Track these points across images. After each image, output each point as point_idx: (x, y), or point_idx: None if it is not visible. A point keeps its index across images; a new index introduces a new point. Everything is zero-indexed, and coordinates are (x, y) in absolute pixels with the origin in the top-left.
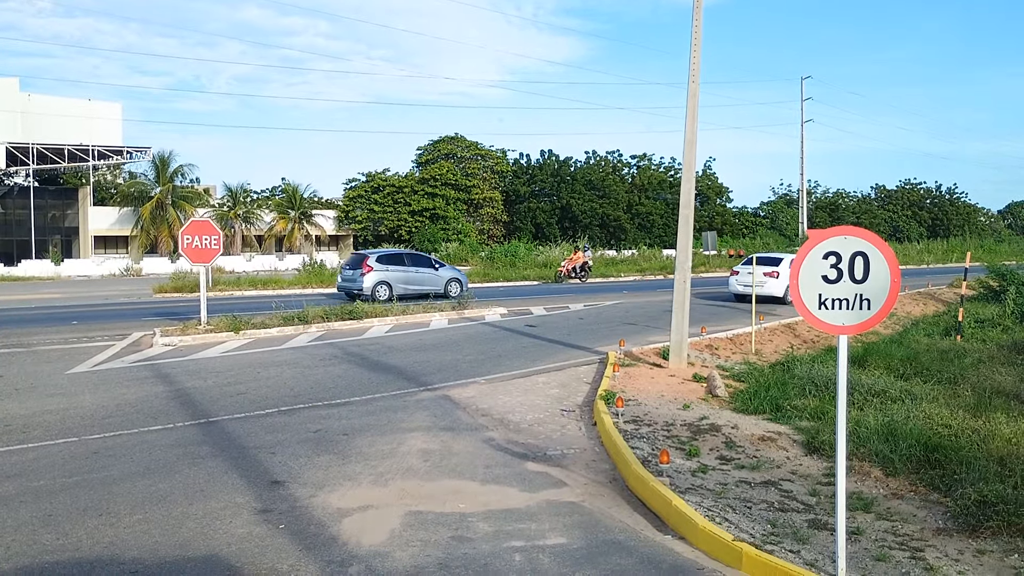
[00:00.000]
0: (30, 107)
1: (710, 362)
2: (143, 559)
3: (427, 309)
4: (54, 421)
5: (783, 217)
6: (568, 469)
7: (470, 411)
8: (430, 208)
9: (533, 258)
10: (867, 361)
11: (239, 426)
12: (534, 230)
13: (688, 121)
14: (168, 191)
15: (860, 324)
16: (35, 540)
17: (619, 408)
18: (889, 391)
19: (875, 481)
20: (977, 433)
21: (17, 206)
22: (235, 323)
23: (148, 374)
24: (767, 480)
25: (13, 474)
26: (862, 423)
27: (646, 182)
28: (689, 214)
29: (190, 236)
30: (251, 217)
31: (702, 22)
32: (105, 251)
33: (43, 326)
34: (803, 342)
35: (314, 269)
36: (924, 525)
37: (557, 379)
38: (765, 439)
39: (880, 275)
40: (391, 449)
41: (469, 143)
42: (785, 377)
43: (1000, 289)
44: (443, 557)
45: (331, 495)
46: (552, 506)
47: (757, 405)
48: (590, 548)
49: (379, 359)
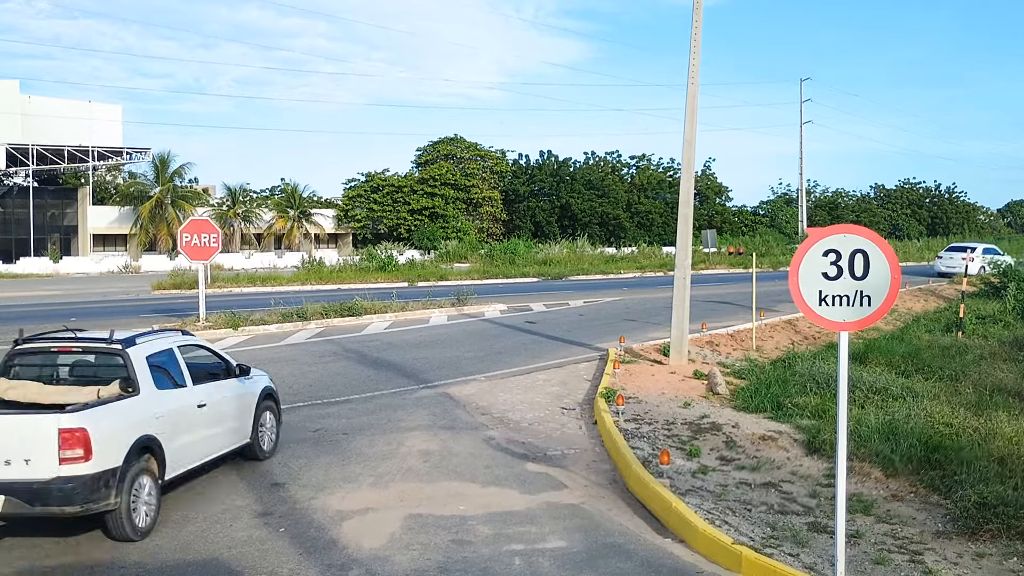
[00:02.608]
0: (30, 109)
1: (711, 359)
2: (144, 563)
3: (426, 305)
4: None
5: (782, 216)
6: (568, 470)
7: (470, 409)
8: (429, 207)
9: (533, 256)
10: (868, 358)
11: None
12: (533, 228)
13: (687, 121)
14: (167, 191)
15: (861, 320)
16: (35, 542)
17: (619, 406)
18: (890, 388)
19: (875, 482)
20: (978, 432)
21: (16, 205)
22: (234, 320)
23: None
24: (767, 481)
25: None
26: (863, 422)
27: (645, 182)
28: (688, 212)
29: (189, 234)
30: (250, 216)
31: (702, 23)
32: (104, 249)
33: (41, 323)
34: (804, 338)
35: (313, 267)
36: (924, 528)
37: (557, 376)
38: (766, 438)
39: (880, 272)
40: (391, 449)
41: (468, 144)
42: (786, 374)
43: (1001, 285)
44: (443, 561)
45: (331, 497)
46: (552, 508)
47: (758, 403)
48: (590, 551)
49: (378, 356)
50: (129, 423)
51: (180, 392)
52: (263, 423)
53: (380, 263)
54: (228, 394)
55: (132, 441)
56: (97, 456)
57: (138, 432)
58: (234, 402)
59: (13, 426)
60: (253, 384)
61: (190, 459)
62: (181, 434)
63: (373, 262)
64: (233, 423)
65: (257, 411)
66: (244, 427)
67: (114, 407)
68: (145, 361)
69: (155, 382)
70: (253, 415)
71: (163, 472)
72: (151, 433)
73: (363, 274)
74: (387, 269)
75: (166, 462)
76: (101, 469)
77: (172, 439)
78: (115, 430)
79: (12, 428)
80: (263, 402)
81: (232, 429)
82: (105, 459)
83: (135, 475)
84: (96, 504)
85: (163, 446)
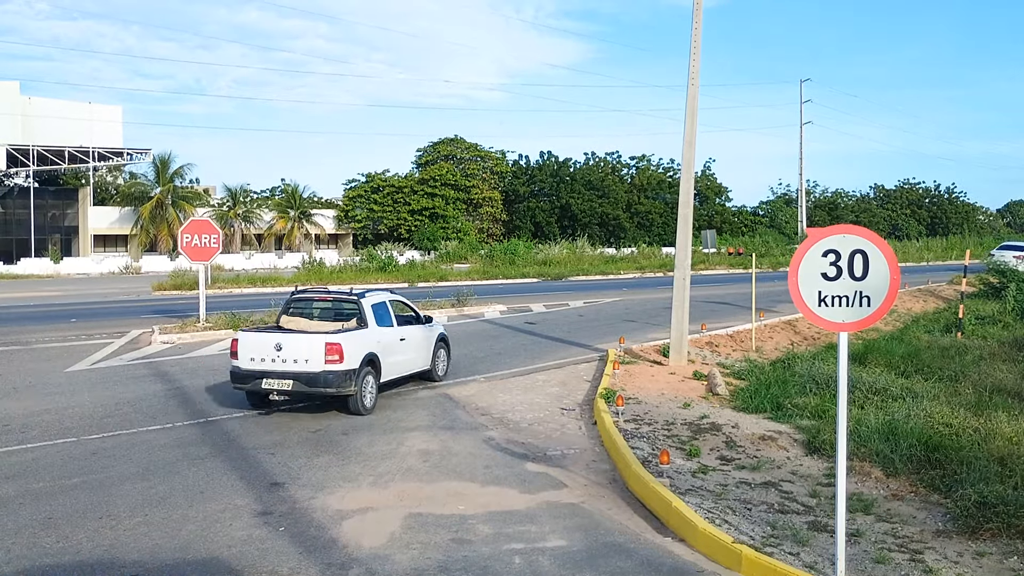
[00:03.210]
0: (30, 110)
1: (710, 359)
2: (143, 562)
3: (426, 306)
4: (53, 421)
5: (782, 216)
6: (568, 470)
7: (469, 410)
8: (429, 207)
9: (532, 256)
10: (868, 358)
11: (238, 425)
12: (533, 229)
13: (687, 122)
14: (168, 191)
15: (860, 321)
16: (35, 543)
17: (619, 407)
18: (890, 389)
19: (875, 481)
20: (978, 432)
21: (17, 206)
22: (234, 321)
23: (147, 372)
24: (767, 481)
25: (12, 475)
26: (863, 422)
27: (645, 182)
28: (688, 213)
29: (190, 235)
30: (251, 216)
31: (702, 24)
32: (104, 250)
33: (41, 324)
34: (803, 339)
35: (313, 267)
36: (924, 527)
37: (557, 377)
38: (766, 438)
39: (879, 272)
40: (391, 449)
41: (468, 145)
42: (786, 375)
43: (1000, 286)
44: (443, 560)
45: (331, 497)
46: (552, 508)
47: (758, 403)
48: (590, 550)
49: None
50: (362, 344)
51: (390, 329)
52: (438, 356)
53: (380, 264)
54: (417, 334)
55: (363, 354)
56: (346, 360)
57: (367, 349)
58: (421, 339)
59: (301, 342)
60: (432, 330)
61: (395, 371)
62: (389, 355)
63: (373, 263)
64: (420, 353)
65: (435, 348)
66: (426, 357)
67: (354, 334)
68: (370, 307)
69: (376, 321)
70: (432, 350)
71: (379, 376)
72: (374, 351)
73: (363, 274)
74: (387, 270)
75: (381, 370)
76: (347, 368)
77: (385, 357)
78: (355, 347)
79: (300, 343)
80: (438, 343)
81: (419, 357)
82: (350, 363)
83: (364, 375)
84: (344, 389)
85: (380, 360)
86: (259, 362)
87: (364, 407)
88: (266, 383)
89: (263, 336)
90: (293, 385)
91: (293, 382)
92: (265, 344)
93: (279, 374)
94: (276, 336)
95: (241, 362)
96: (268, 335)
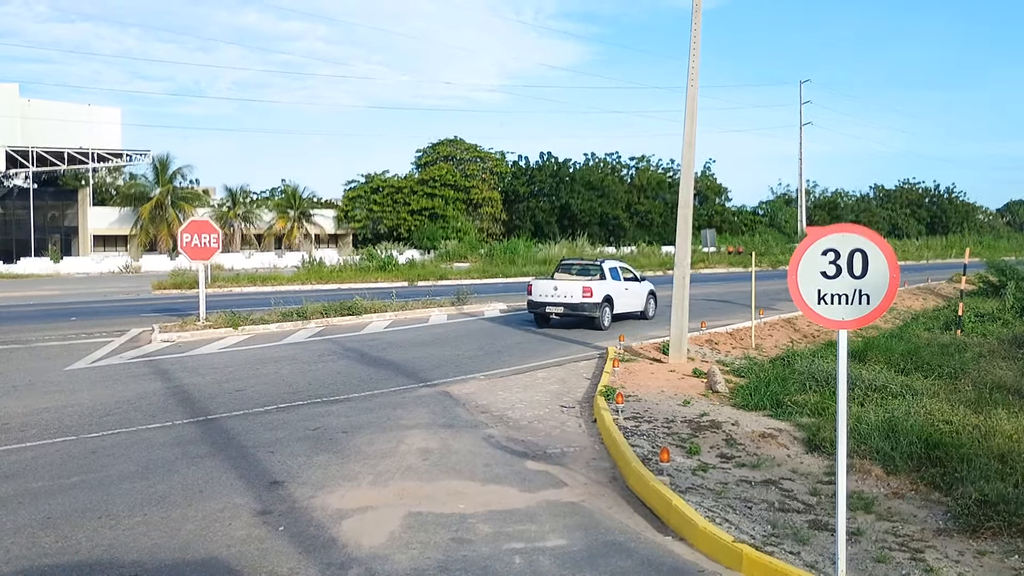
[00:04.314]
0: (30, 112)
1: (710, 357)
2: (142, 562)
3: (426, 305)
4: (52, 419)
5: (782, 216)
6: (568, 468)
7: (469, 408)
8: (429, 207)
9: (533, 255)
10: (867, 356)
11: (238, 424)
12: (533, 228)
13: (687, 123)
14: (167, 192)
15: (860, 319)
16: (34, 543)
17: (619, 404)
18: (890, 386)
19: (876, 480)
20: (978, 429)
21: (17, 207)
22: (234, 319)
23: (147, 371)
24: (768, 479)
25: (12, 474)
26: (863, 419)
27: (645, 183)
28: (688, 213)
29: (189, 234)
30: (250, 216)
31: (701, 25)
32: (104, 250)
33: (41, 322)
34: (803, 336)
35: (313, 266)
36: (924, 525)
37: (556, 375)
38: (766, 436)
39: (879, 270)
40: (391, 448)
41: (468, 146)
42: (785, 372)
43: (1000, 284)
44: (443, 559)
45: (330, 496)
46: (552, 506)
47: (758, 401)
48: (590, 550)
49: (378, 355)
50: (602, 288)
51: (618, 282)
52: (649, 303)
53: (380, 263)
54: (635, 288)
55: (604, 294)
56: (594, 297)
57: (605, 292)
58: (637, 291)
59: (571, 285)
60: (645, 287)
61: (622, 308)
62: (618, 297)
63: (373, 262)
64: (636, 300)
65: (647, 297)
66: (641, 303)
67: (598, 282)
68: (608, 270)
69: (611, 277)
70: (645, 299)
71: (613, 309)
72: (609, 293)
73: (363, 274)
74: (387, 269)
75: (614, 306)
76: (595, 301)
77: (616, 299)
78: (598, 289)
79: (568, 286)
80: (649, 295)
81: (637, 302)
82: (596, 298)
83: (604, 306)
84: (593, 313)
85: (613, 300)
86: (543, 296)
87: (603, 325)
88: (548, 309)
89: (546, 282)
90: (564, 310)
91: (564, 307)
92: (547, 287)
93: (555, 304)
94: (553, 282)
95: (534, 296)
96: (549, 282)
